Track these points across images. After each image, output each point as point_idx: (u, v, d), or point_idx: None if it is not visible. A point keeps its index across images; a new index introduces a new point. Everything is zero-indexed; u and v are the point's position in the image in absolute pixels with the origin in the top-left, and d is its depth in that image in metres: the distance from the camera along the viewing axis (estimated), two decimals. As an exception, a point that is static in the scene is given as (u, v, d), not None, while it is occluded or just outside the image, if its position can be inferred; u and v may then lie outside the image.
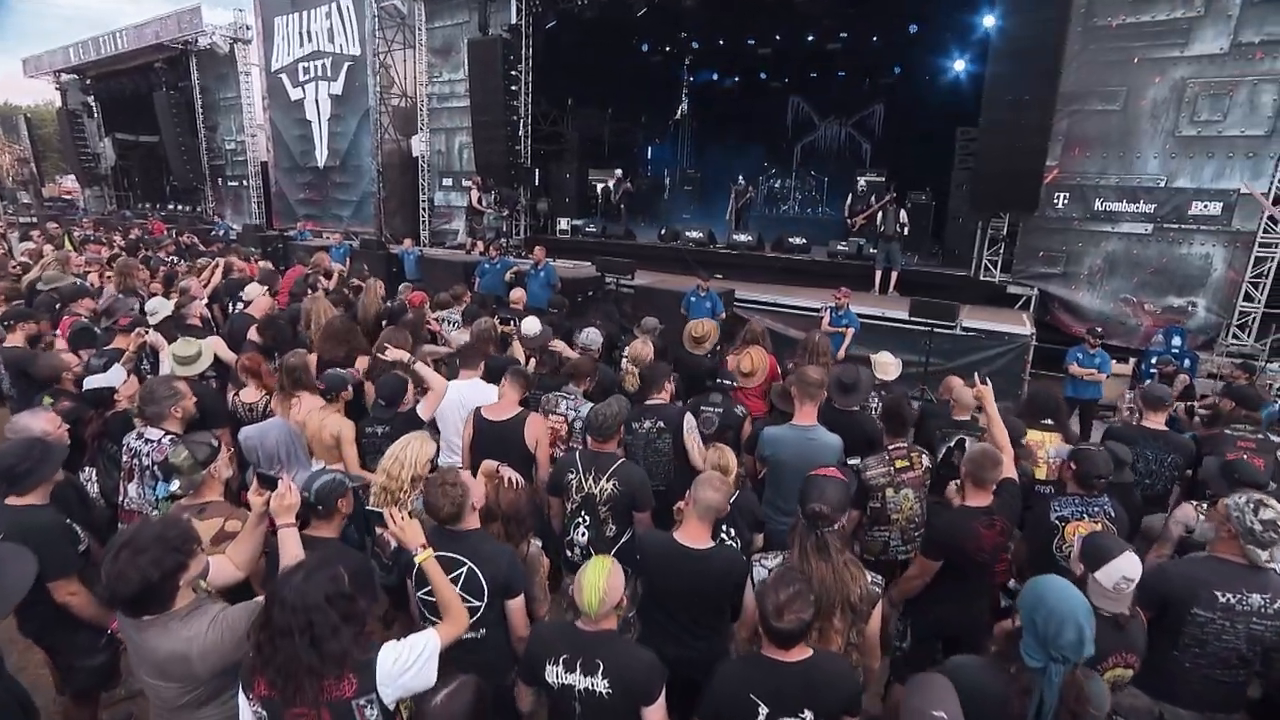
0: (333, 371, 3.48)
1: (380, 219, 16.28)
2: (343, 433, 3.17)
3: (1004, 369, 7.96)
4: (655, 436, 3.44)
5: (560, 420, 3.68)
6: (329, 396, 3.37)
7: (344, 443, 3.15)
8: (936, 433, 3.84)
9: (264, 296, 5.37)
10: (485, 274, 9.71)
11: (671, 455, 3.42)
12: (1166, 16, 8.03)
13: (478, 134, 13.17)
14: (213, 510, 2.39)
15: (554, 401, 3.71)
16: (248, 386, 3.75)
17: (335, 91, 15.58)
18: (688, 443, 3.32)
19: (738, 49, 16.41)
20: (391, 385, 3.38)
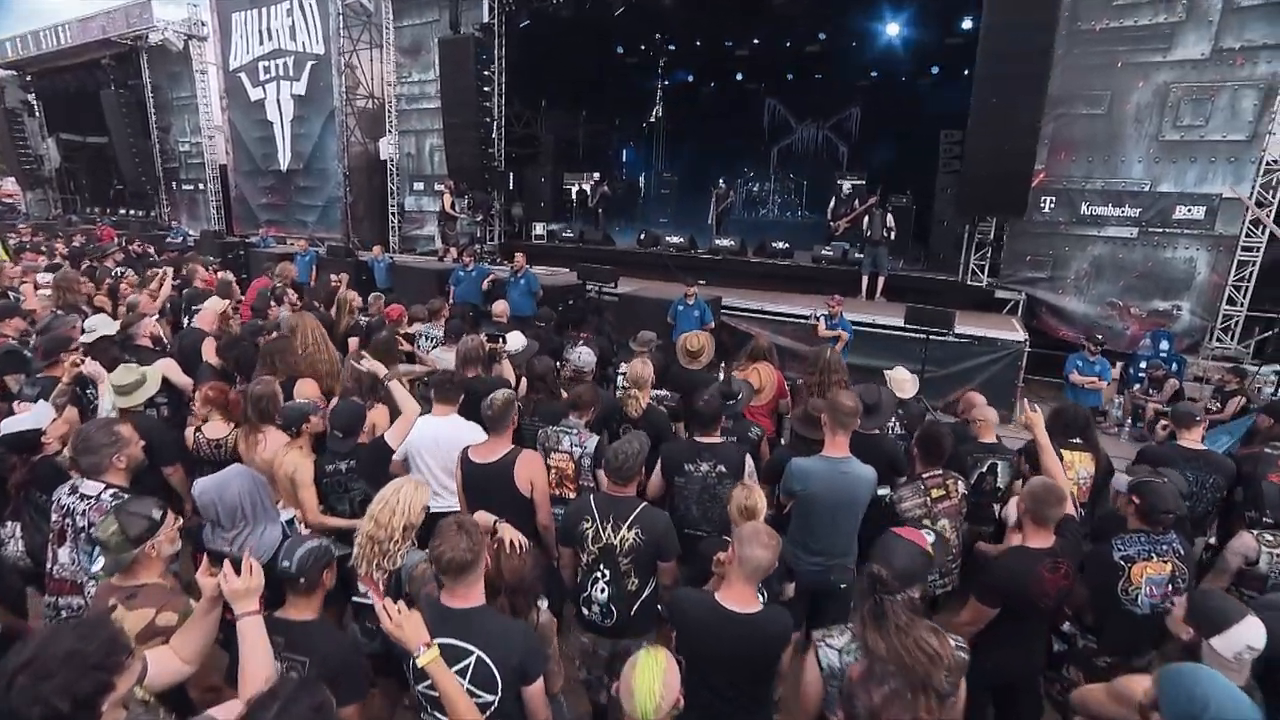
0: (292, 403, 3.06)
1: (347, 224, 15.65)
2: (298, 472, 2.77)
3: (998, 376, 7.84)
4: (715, 481, 3.12)
5: (564, 459, 3.32)
6: (290, 431, 2.96)
7: (299, 485, 2.75)
8: (968, 458, 3.59)
9: (215, 309, 4.83)
10: (461, 282, 9.29)
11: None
12: (1149, 21, 8.04)
13: (449, 136, 12.70)
14: (145, 597, 1.95)
15: (555, 438, 3.34)
16: (213, 420, 3.31)
17: (298, 92, 14.92)
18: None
19: (714, 51, 16.23)
20: (348, 413, 3.00)
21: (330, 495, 2.92)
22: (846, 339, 7.19)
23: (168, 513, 2.10)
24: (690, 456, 3.20)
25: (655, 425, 3.68)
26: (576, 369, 4.24)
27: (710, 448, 3.20)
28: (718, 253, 11.61)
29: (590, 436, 3.36)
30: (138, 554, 1.98)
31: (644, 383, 3.75)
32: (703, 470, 3.18)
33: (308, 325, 4.18)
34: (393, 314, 5.46)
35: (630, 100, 18.70)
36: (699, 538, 2.93)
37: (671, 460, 3.24)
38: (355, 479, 2.90)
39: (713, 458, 3.18)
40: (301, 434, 2.97)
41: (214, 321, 4.72)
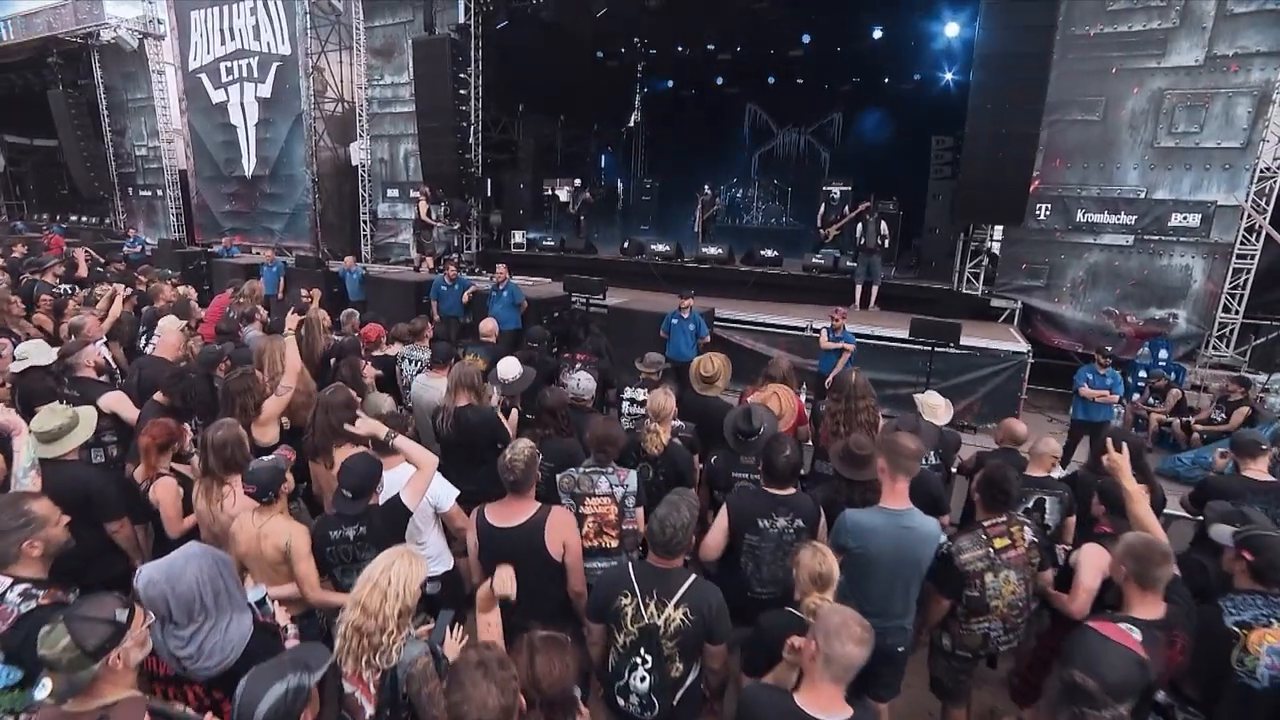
0: (262, 464, 2.58)
1: (316, 233, 14.99)
2: (294, 542, 2.34)
3: (1000, 388, 7.66)
4: (793, 537, 2.77)
5: (604, 502, 2.92)
6: (262, 498, 2.51)
7: (296, 557, 2.32)
8: (1018, 492, 3.28)
9: (176, 332, 4.32)
10: (445, 298, 8.83)
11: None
12: (1143, 27, 7.96)
13: (425, 141, 12.19)
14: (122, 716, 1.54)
15: (589, 481, 2.93)
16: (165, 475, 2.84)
17: (263, 94, 14.24)
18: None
19: (695, 55, 16.00)
20: (361, 470, 2.54)
21: (336, 567, 2.48)
22: (850, 352, 6.90)
23: (134, 609, 1.67)
24: (765, 511, 2.83)
25: (677, 465, 3.31)
26: (577, 396, 3.83)
27: (786, 500, 2.85)
28: (705, 261, 11.30)
29: (628, 473, 2.98)
30: (99, 669, 1.55)
31: (666, 416, 3.37)
32: (779, 526, 2.82)
33: (276, 352, 3.72)
34: (369, 335, 4.98)
35: (609, 105, 18.39)
36: (763, 600, 2.57)
37: (743, 515, 2.87)
38: (366, 547, 2.46)
39: (789, 511, 2.83)
40: (277, 497, 2.53)
41: (179, 348, 4.18)
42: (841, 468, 3.00)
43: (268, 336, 3.91)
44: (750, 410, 3.53)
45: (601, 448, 3.03)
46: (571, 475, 3.03)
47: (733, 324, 8.79)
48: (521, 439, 2.64)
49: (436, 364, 4.34)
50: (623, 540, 3.00)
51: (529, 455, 2.54)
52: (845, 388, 3.97)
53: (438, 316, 8.96)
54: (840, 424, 3.92)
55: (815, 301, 10.05)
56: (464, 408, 3.64)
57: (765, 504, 2.85)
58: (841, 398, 3.94)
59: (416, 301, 9.72)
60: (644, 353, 7.31)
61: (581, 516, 2.96)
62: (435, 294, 8.93)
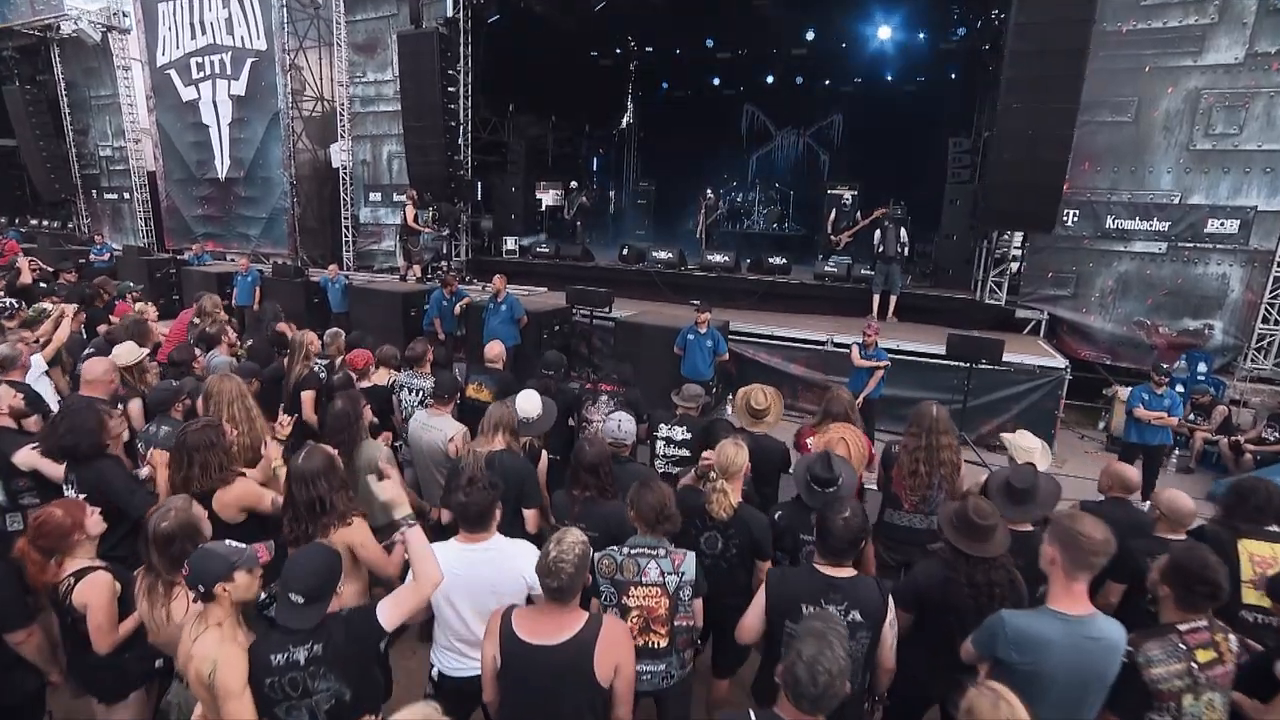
0: (213, 549, 1.92)
1: (295, 238, 14.21)
2: (219, 673, 1.69)
3: (1036, 406, 7.19)
4: (848, 635, 2.15)
5: (654, 593, 2.32)
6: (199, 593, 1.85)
7: (223, 694, 1.68)
8: (1141, 558, 2.72)
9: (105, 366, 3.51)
10: (446, 314, 8.19)
11: (863, 663, 2.19)
12: (1179, 23, 7.55)
13: (411, 141, 11.48)
14: None
15: (634, 566, 2.32)
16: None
17: (237, 92, 13.44)
18: (885, 642, 2.07)
19: (692, 53, 15.48)
20: (316, 565, 1.90)
21: (279, 705, 1.82)
22: (884, 370, 6.36)
23: None
24: (813, 595, 2.24)
25: (752, 532, 2.72)
26: (616, 441, 3.21)
27: (842, 585, 2.26)
28: (710, 269, 10.73)
29: (684, 555, 2.39)
30: None
31: (737, 472, 2.77)
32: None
33: (225, 394, 3.06)
34: (357, 361, 4.32)
35: (601, 105, 17.78)
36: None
37: (784, 599, 2.29)
38: (322, 675, 1.82)
39: (843, 599, 2.23)
40: (221, 599, 1.86)
41: (111, 381, 3.45)
42: (957, 539, 2.42)
43: (221, 376, 3.22)
44: (830, 456, 2.95)
45: (654, 522, 2.42)
46: (613, 557, 2.42)
47: (746, 338, 8.22)
48: (569, 531, 2.02)
49: (440, 398, 3.70)
50: (673, 638, 2.41)
51: (579, 555, 1.93)
52: (925, 422, 3.41)
53: (442, 335, 8.30)
54: (920, 464, 3.37)
55: (829, 312, 9.55)
56: (500, 453, 3.01)
57: (814, 587, 2.26)
58: (921, 433, 3.39)
59: (404, 314, 9.05)
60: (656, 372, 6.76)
61: (624, 608, 2.37)
62: (437, 310, 8.25)
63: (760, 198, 15.24)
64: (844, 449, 3.48)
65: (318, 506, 2.32)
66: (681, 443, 3.79)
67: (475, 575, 2.33)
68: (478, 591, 2.33)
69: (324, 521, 2.33)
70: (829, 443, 3.44)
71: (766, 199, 15.23)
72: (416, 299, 9.24)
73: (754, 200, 15.36)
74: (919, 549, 3.48)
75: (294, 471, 2.37)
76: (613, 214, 18.29)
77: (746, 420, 3.74)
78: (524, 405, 3.43)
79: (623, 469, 3.00)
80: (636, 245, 12.17)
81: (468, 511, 2.30)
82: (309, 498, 2.32)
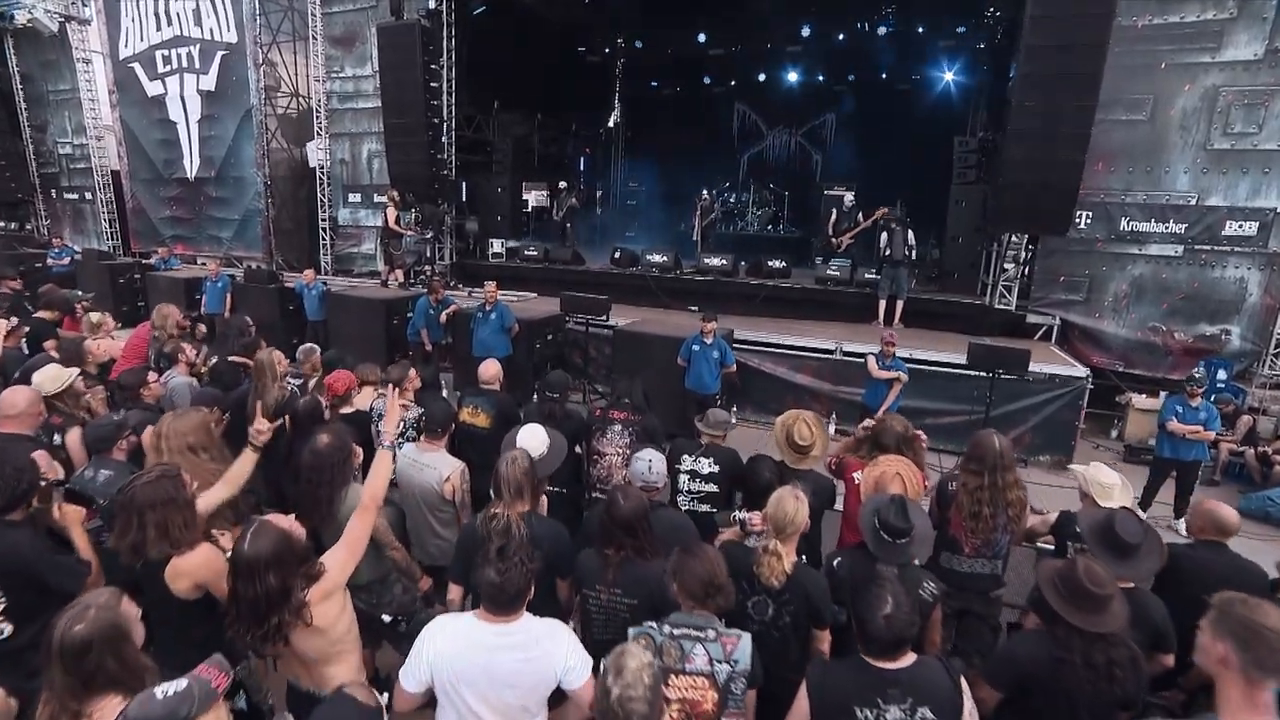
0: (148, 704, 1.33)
1: (270, 241, 13.56)
2: None
3: (1055, 417, 6.89)
4: None
5: (699, 684, 1.89)
6: None
7: None
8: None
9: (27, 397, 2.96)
10: (433, 324, 7.69)
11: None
12: (1197, 18, 7.29)
13: (391, 140, 10.93)
14: None
15: (678, 650, 1.89)
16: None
17: (206, 87, 12.76)
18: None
19: (682, 50, 15.07)
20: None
21: None
22: (904, 383, 5.98)
23: None
24: (865, 694, 1.83)
25: (810, 598, 2.29)
26: (647, 484, 2.76)
27: (899, 678, 1.85)
28: (707, 273, 10.31)
29: (738, 640, 1.96)
30: None
31: (795, 531, 2.33)
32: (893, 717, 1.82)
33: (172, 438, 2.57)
34: (336, 386, 3.81)
35: (588, 103, 17.29)
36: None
37: (831, 703, 1.88)
38: None
39: (906, 694, 1.82)
40: None
41: (36, 416, 2.92)
42: (1068, 610, 2.01)
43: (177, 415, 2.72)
44: (905, 504, 2.53)
45: (702, 596, 1.99)
46: (652, 637, 1.98)
47: (749, 346, 7.81)
48: (628, 652, 1.56)
49: (433, 431, 3.23)
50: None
51: (650, 688, 1.48)
52: (987, 457, 3.01)
53: (429, 346, 7.78)
54: (983, 505, 2.97)
55: (832, 318, 9.18)
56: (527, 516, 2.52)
57: (867, 684, 1.85)
58: (983, 470, 2.99)
59: (386, 322, 8.52)
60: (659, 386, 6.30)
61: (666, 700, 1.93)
62: (423, 320, 7.72)
63: (754, 199, 14.86)
64: (899, 486, 3.06)
65: (265, 607, 1.84)
66: (709, 476, 3.36)
67: (495, 664, 1.89)
68: (495, 683, 1.89)
69: (276, 623, 1.85)
70: (881, 479, 3.02)
71: (760, 200, 14.86)
72: (399, 306, 8.72)
73: (747, 201, 14.98)
74: (980, 596, 3.10)
75: (237, 560, 1.87)
76: (600, 215, 17.81)
77: (789, 455, 3.32)
78: (529, 440, 2.97)
79: (655, 516, 2.56)
80: (629, 248, 11.72)
81: (502, 593, 1.86)
82: (254, 595, 1.83)
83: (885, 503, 2.53)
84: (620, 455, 3.61)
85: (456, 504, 3.17)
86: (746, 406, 7.86)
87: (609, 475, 3.62)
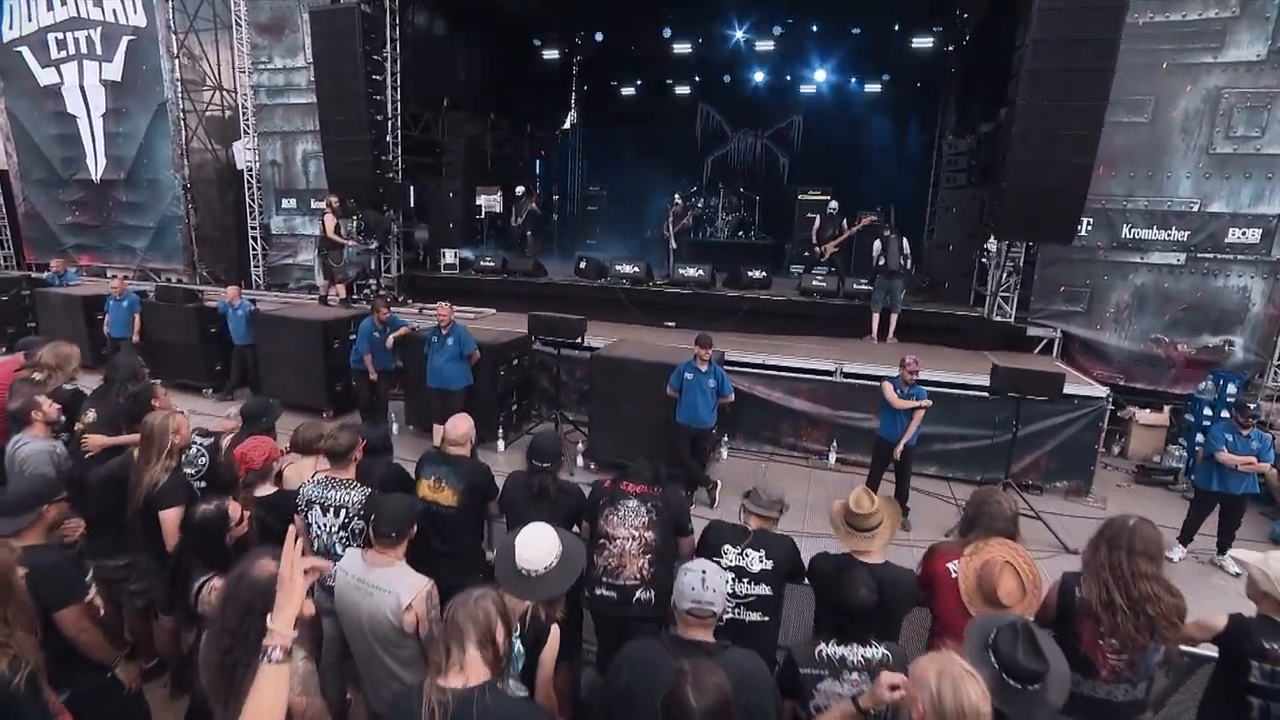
0: None
1: (192, 252, 12.13)
2: None
3: (1074, 440, 6.40)
4: None
5: None
6: None
7: None
8: None
9: None
10: (378, 348, 6.68)
11: None
12: (1199, 16, 6.97)
13: (329, 139, 9.76)
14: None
15: None
16: None
17: (111, 76, 11.26)
18: None
19: (645, 47, 14.31)
20: None
21: None
22: (927, 409, 5.33)
23: None
24: None
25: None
26: (700, 608, 1.93)
27: None
28: (683, 284, 9.54)
29: None
30: None
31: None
32: None
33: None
34: (253, 459, 2.84)
35: (543, 102, 16.36)
36: None
37: None
38: None
39: None
40: None
41: None
42: None
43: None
44: (1033, 633, 1.79)
45: None
46: None
47: (739, 367, 7.04)
48: None
49: (384, 537, 2.30)
50: None
51: None
52: (1121, 538, 2.31)
53: (374, 375, 6.74)
54: (1122, 617, 2.25)
55: (820, 332, 8.56)
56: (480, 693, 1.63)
57: None
58: (1119, 564, 2.26)
59: (325, 347, 7.44)
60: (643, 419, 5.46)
61: None
62: (367, 344, 6.67)
63: (723, 204, 14.21)
64: (1011, 580, 2.32)
65: None
66: (760, 575, 2.55)
67: None
68: None
69: None
70: (985, 571, 2.28)
71: (729, 205, 14.22)
72: (340, 328, 7.64)
73: (717, 206, 14.32)
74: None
75: None
76: (559, 221, 16.89)
77: (846, 535, 2.54)
78: (530, 550, 2.09)
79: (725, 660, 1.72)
80: (594, 256, 10.86)
81: None
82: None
83: (1005, 631, 1.79)
84: (637, 540, 2.76)
85: (422, 637, 2.26)
86: (737, 435, 7.13)
87: (619, 566, 2.76)
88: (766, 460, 6.98)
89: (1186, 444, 7.24)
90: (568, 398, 7.52)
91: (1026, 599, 2.34)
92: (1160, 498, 6.70)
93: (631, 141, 16.48)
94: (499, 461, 6.59)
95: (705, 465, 5.95)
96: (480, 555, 3.20)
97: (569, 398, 7.54)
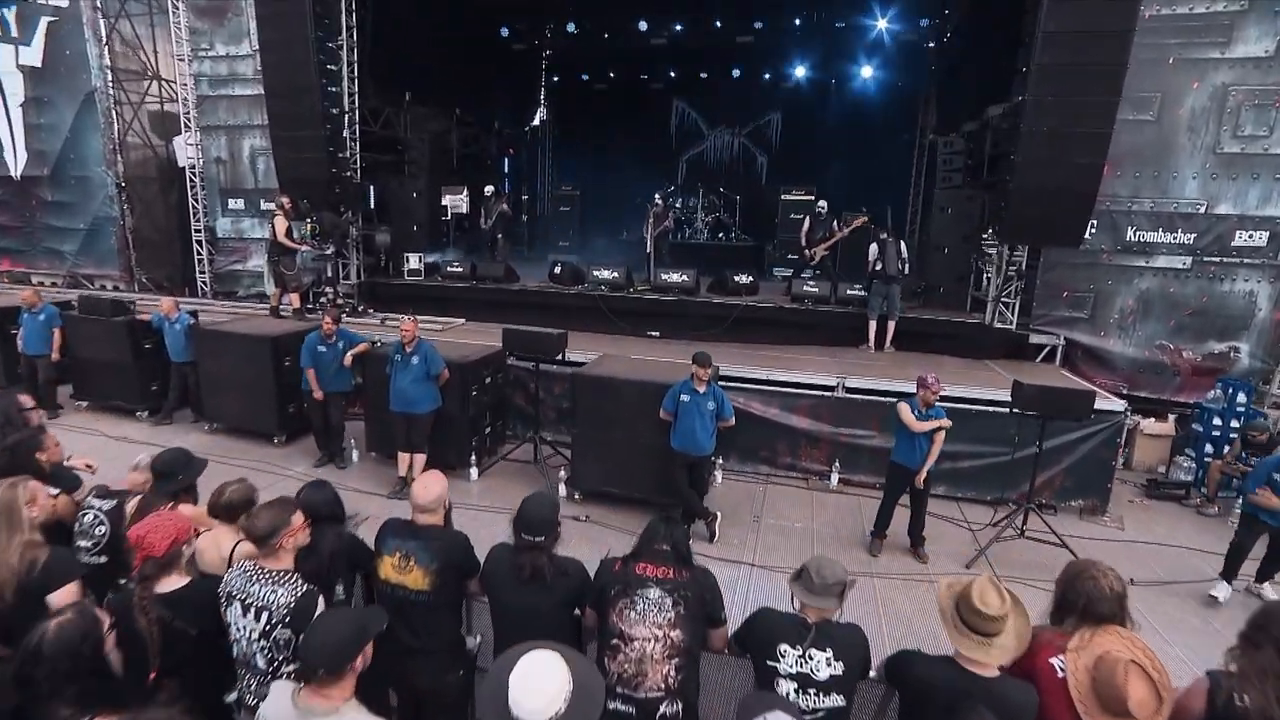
0: None
1: (128, 257, 11.10)
2: None
3: (1090, 457, 6.03)
4: None
5: None
6: None
7: None
8: None
9: None
10: (324, 363, 5.95)
11: None
12: (1206, 9, 6.67)
13: (279, 134, 8.92)
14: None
15: None
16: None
17: (30, 61, 10.21)
18: None
19: (619, 40, 13.70)
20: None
21: None
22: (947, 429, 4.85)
23: None
24: None
25: None
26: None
27: None
28: (666, 290, 8.96)
29: None
30: None
31: None
32: None
33: None
34: (154, 542, 2.15)
35: (512, 96, 15.63)
36: None
37: None
38: None
39: None
40: None
41: None
42: None
43: None
44: None
45: None
46: None
47: (732, 382, 6.50)
48: None
49: (327, 666, 1.67)
50: None
51: None
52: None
53: (320, 394, 6.00)
54: None
55: (813, 341, 8.08)
56: None
57: None
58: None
59: (275, 365, 6.67)
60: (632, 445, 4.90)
61: None
62: (310, 359, 5.93)
63: (702, 204, 13.69)
64: (1144, 689, 1.80)
65: None
66: (829, 684, 1.98)
67: None
68: None
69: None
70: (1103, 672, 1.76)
71: (708, 205, 13.70)
72: (293, 343, 6.82)
73: (695, 207, 13.80)
74: None
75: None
76: (529, 223, 16.17)
77: (956, 635, 1.98)
78: (528, 702, 1.49)
79: None
80: (568, 260, 10.21)
81: None
82: None
83: None
84: (660, 641, 2.14)
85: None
86: (731, 455, 6.59)
87: (638, 675, 2.14)
88: (764, 483, 6.46)
89: (1194, 454, 6.96)
90: (546, 416, 6.88)
91: (1162, 710, 1.82)
92: (1174, 513, 6.38)
93: (604, 139, 15.86)
94: (472, 493, 5.93)
95: (704, 495, 5.39)
96: (460, 646, 2.58)
97: (547, 415, 6.91)
